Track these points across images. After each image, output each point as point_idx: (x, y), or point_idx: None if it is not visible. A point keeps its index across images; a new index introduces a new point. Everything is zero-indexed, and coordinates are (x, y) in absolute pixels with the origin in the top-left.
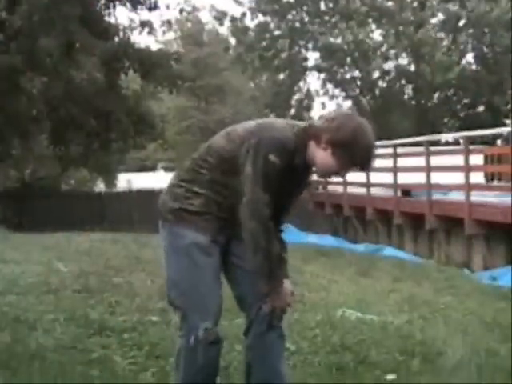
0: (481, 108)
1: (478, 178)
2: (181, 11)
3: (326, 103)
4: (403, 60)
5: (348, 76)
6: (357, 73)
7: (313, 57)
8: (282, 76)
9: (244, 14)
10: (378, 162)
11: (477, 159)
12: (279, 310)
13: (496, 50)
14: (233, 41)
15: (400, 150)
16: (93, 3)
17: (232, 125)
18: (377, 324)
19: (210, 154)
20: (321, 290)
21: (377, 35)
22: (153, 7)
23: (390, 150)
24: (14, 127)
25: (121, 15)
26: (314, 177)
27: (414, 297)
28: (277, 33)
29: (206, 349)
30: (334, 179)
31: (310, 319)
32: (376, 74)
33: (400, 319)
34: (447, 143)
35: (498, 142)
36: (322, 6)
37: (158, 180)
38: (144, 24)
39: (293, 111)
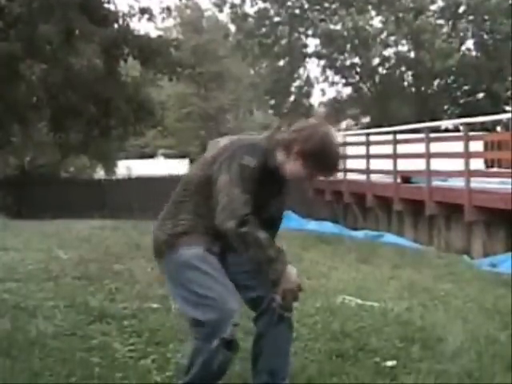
0: (481, 95)
1: (477, 164)
2: None
3: (326, 90)
4: (403, 47)
5: (348, 63)
6: (357, 59)
7: (312, 43)
8: (281, 63)
9: (243, 1)
10: (378, 149)
11: (477, 146)
12: (291, 295)
13: (496, 37)
14: (232, 27)
15: (400, 136)
16: None
17: (230, 111)
18: (377, 311)
19: (188, 183)
20: (321, 277)
21: (376, 22)
22: None
23: (390, 137)
24: (14, 114)
25: (120, 2)
26: None
27: (414, 283)
28: (276, 19)
29: (225, 352)
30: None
31: (310, 306)
32: (376, 61)
33: (400, 306)
34: (447, 130)
35: (498, 128)
36: None
37: (158, 167)
38: (143, 11)
39: (292, 98)
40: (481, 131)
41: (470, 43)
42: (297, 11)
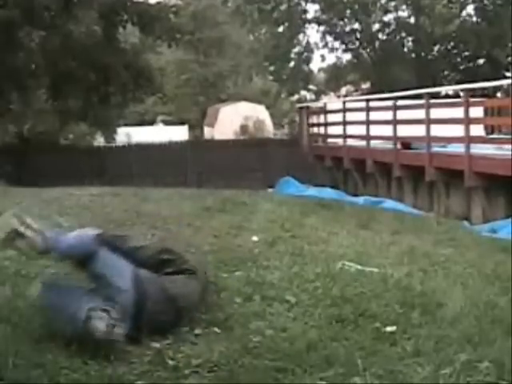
0: (481, 60)
1: (478, 130)
2: None
3: (326, 56)
4: (403, 12)
5: (348, 28)
6: (356, 25)
7: (312, 9)
8: (281, 28)
9: None
10: (378, 115)
11: (477, 112)
12: None
13: (496, 2)
14: None
15: (400, 102)
16: None
17: (230, 77)
18: (377, 276)
19: None
20: (320, 243)
21: None
22: None
23: (390, 103)
24: (13, 82)
25: None
26: (315, 129)
27: (414, 249)
28: None
29: None
30: (335, 132)
31: (310, 272)
32: (376, 27)
33: (400, 271)
34: (447, 96)
35: (499, 94)
36: None
37: (157, 133)
38: None
39: (292, 64)
40: (481, 97)
41: (470, 8)
42: None
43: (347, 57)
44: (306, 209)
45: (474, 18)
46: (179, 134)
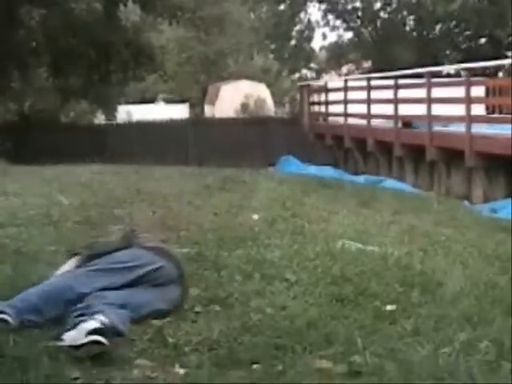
0: (483, 40)
1: (479, 109)
2: None
3: (327, 34)
4: None
5: (349, 7)
6: (358, 3)
7: None
8: (282, 6)
9: None
10: (379, 94)
11: (478, 91)
12: None
13: None
14: None
15: (401, 81)
16: None
17: (231, 55)
18: (377, 255)
19: None
20: (321, 222)
21: None
22: None
23: (391, 82)
24: (13, 60)
25: None
26: (315, 108)
27: (414, 228)
28: None
29: None
30: (336, 111)
31: (310, 250)
32: (377, 5)
33: (400, 251)
34: (449, 75)
35: (500, 74)
36: None
37: (158, 112)
38: None
39: (293, 42)
40: (482, 76)
41: None
42: None
43: (348, 35)
44: (306, 187)
45: None
46: (180, 112)
